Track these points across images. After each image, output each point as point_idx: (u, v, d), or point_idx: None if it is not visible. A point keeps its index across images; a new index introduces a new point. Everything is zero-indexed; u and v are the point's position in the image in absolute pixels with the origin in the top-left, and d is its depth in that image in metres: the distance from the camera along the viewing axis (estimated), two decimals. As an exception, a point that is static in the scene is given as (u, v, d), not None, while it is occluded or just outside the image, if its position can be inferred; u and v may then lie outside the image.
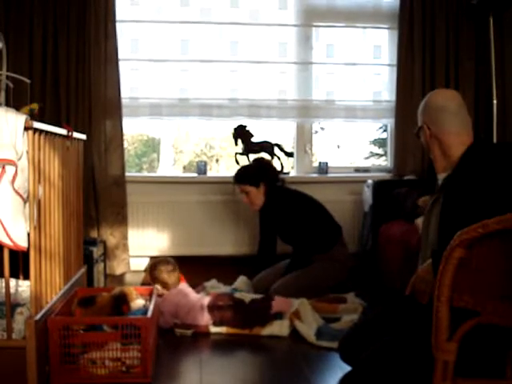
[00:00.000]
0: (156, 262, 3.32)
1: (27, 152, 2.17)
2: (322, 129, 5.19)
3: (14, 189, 2.10)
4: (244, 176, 3.83)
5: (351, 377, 2.41)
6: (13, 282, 2.65)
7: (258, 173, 3.82)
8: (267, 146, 4.47)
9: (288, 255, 3.85)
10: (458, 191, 2.10)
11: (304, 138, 4.69)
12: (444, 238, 1.65)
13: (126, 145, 4.39)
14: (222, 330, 2.99)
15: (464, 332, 1.66)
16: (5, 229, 2.08)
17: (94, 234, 4.20)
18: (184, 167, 5.65)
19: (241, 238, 4.41)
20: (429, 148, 2.32)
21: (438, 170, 2.32)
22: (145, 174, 5.29)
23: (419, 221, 3.50)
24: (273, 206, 3.78)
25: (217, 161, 5.93)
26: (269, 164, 3.98)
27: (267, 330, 2.96)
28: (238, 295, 3.28)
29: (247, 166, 3.97)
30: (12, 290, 2.42)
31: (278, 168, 4.24)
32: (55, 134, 2.54)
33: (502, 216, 1.57)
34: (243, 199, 3.86)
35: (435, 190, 2.35)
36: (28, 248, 2.18)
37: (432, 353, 1.69)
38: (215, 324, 3.00)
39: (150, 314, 2.47)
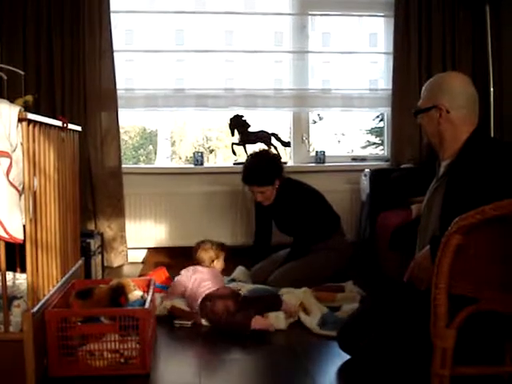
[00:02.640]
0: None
1: (21, 144, 2.15)
2: (321, 118, 5.17)
3: (9, 181, 2.08)
4: (260, 178, 3.67)
5: (351, 365, 2.41)
6: (10, 274, 2.64)
7: (272, 171, 3.70)
8: (264, 136, 4.45)
9: (284, 246, 3.84)
10: (462, 178, 2.08)
11: (301, 127, 4.68)
12: (447, 225, 1.63)
13: (126, 138, 4.37)
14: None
15: (462, 319, 1.65)
16: (0, 221, 2.07)
17: (91, 226, 4.20)
18: (181, 157, 5.63)
19: (238, 228, 4.42)
20: (436, 131, 2.24)
21: (443, 156, 2.26)
22: (141, 165, 5.28)
23: (414, 206, 3.51)
24: (281, 197, 3.74)
25: (211, 151, 5.91)
26: (276, 157, 3.88)
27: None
28: (234, 285, 3.29)
29: (258, 166, 3.72)
30: (9, 283, 2.41)
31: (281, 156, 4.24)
32: (50, 126, 2.53)
33: (500, 202, 1.56)
34: (257, 198, 3.74)
35: (436, 176, 2.33)
36: (24, 240, 2.17)
37: (431, 340, 1.69)
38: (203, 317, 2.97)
39: (147, 305, 2.46)
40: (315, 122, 5.09)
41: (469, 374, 1.75)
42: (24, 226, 2.17)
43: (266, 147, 4.37)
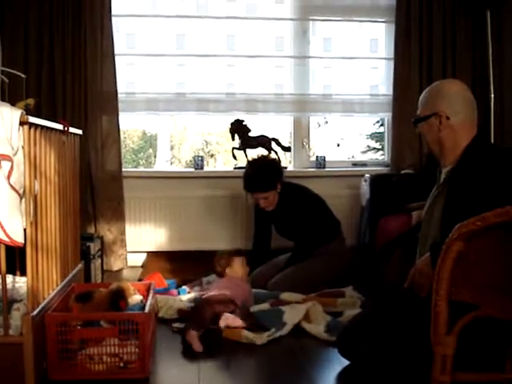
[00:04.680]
0: None
1: (23, 147, 2.15)
2: (326, 122, 5.17)
3: (10, 184, 2.08)
4: (263, 184, 3.64)
5: (350, 371, 2.41)
6: (9, 278, 2.64)
7: (274, 176, 3.67)
8: (264, 141, 4.46)
9: (284, 250, 3.84)
10: (463, 185, 2.07)
11: (301, 132, 4.68)
12: (448, 232, 1.63)
13: (127, 141, 4.37)
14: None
15: (463, 326, 1.65)
16: (1, 225, 2.07)
17: (91, 229, 4.20)
18: (181, 162, 5.63)
19: (238, 232, 4.41)
20: (436, 139, 2.24)
21: (444, 163, 2.25)
22: (142, 169, 5.27)
23: (415, 213, 3.53)
24: (282, 201, 3.74)
25: (211, 156, 5.91)
26: (275, 161, 3.87)
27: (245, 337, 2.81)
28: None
29: (259, 172, 3.67)
30: (9, 286, 2.41)
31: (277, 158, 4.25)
32: (51, 129, 2.53)
33: (501, 209, 1.56)
34: (261, 204, 3.71)
35: (437, 183, 2.32)
36: (24, 244, 2.17)
37: (431, 346, 1.69)
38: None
39: (147, 309, 2.46)
40: (319, 126, 5.09)
41: (469, 381, 1.75)
42: (24, 230, 2.17)
43: (266, 152, 4.37)
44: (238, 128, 4.42)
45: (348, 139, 5.33)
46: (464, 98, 2.24)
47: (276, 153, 4.44)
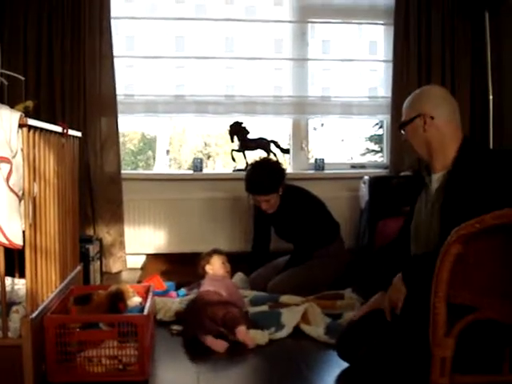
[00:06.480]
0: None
1: (22, 149, 2.16)
2: (322, 125, 5.17)
3: (9, 186, 2.08)
4: (266, 187, 3.62)
5: (349, 374, 2.41)
6: (8, 280, 2.63)
7: (277, 179, 3.65)
8: (263, 143, 4.46)
9: (283, 252, 3.84)
10: (466, 189, 2.02)
11: (300, 134, 4.68)
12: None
13: (127, 144, 4.38)
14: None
15: (461, 328, 1.65)
16: (0, 227, 2.07)
17: (90, 231, 4.20)
18: (180, 164, 5.64)
19: (237, 234, 4.41)
20: (423, 141, 2.21)
21: (436, 167, 2.20)
22: (141, 171, 5.27)
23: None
24: (283, 204, 3.73)
25: (209, 157, 5.92)
26: (278, 164, 3.81)
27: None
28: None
29: (262, 175, 3.64)
30: (8, 289, 2.41)
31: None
32: (50, 132, 2.53)
33: (499, 211, 1.56)
34: (262, 206, 3.68)
35: (425, 189, 2.29)
36: (23, 246, 2.17)
37: (430, 349, 1.69)
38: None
39: (146, 311, 2.46)
40: (315, 129, 5.09)
41: (467, 383, 1.75)
42: (23, 232, 2.17)
43: (265, 154, 4.37)
44: (237, 130, 4.42)
45: (347, 141, 5.34)
46: (446, 99, 2.23)
47: (275, 155, 4.44)
